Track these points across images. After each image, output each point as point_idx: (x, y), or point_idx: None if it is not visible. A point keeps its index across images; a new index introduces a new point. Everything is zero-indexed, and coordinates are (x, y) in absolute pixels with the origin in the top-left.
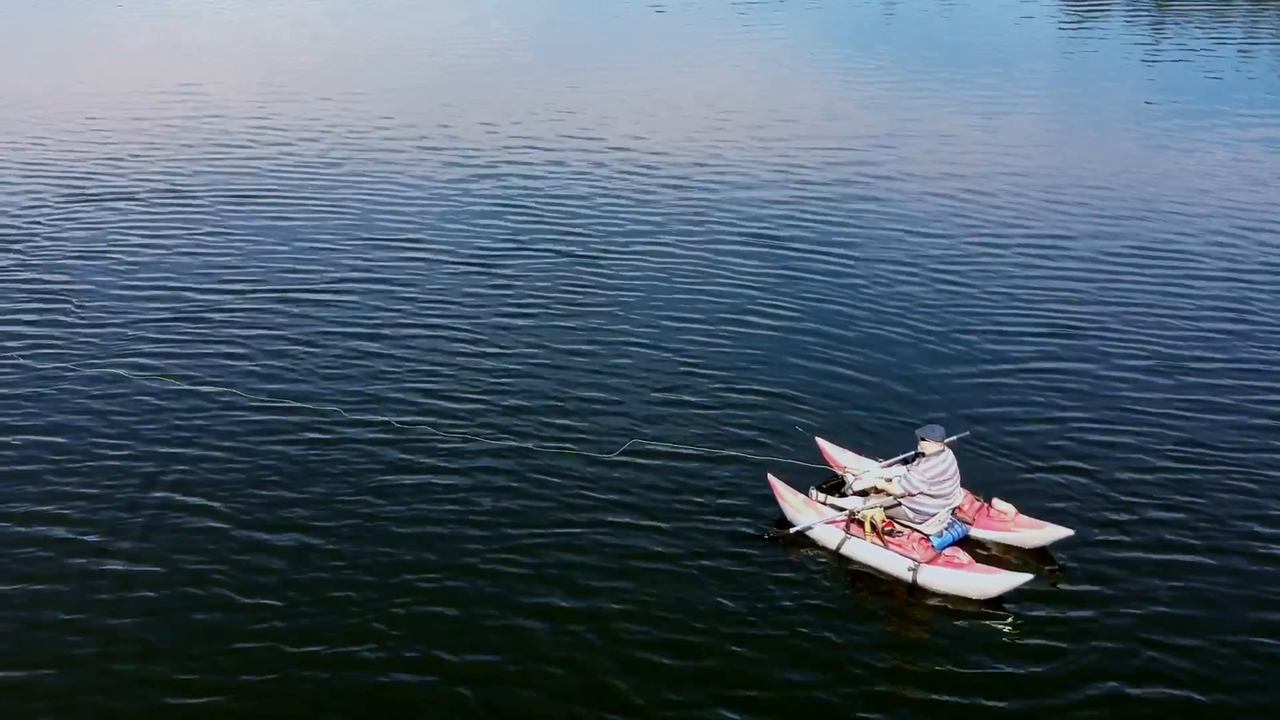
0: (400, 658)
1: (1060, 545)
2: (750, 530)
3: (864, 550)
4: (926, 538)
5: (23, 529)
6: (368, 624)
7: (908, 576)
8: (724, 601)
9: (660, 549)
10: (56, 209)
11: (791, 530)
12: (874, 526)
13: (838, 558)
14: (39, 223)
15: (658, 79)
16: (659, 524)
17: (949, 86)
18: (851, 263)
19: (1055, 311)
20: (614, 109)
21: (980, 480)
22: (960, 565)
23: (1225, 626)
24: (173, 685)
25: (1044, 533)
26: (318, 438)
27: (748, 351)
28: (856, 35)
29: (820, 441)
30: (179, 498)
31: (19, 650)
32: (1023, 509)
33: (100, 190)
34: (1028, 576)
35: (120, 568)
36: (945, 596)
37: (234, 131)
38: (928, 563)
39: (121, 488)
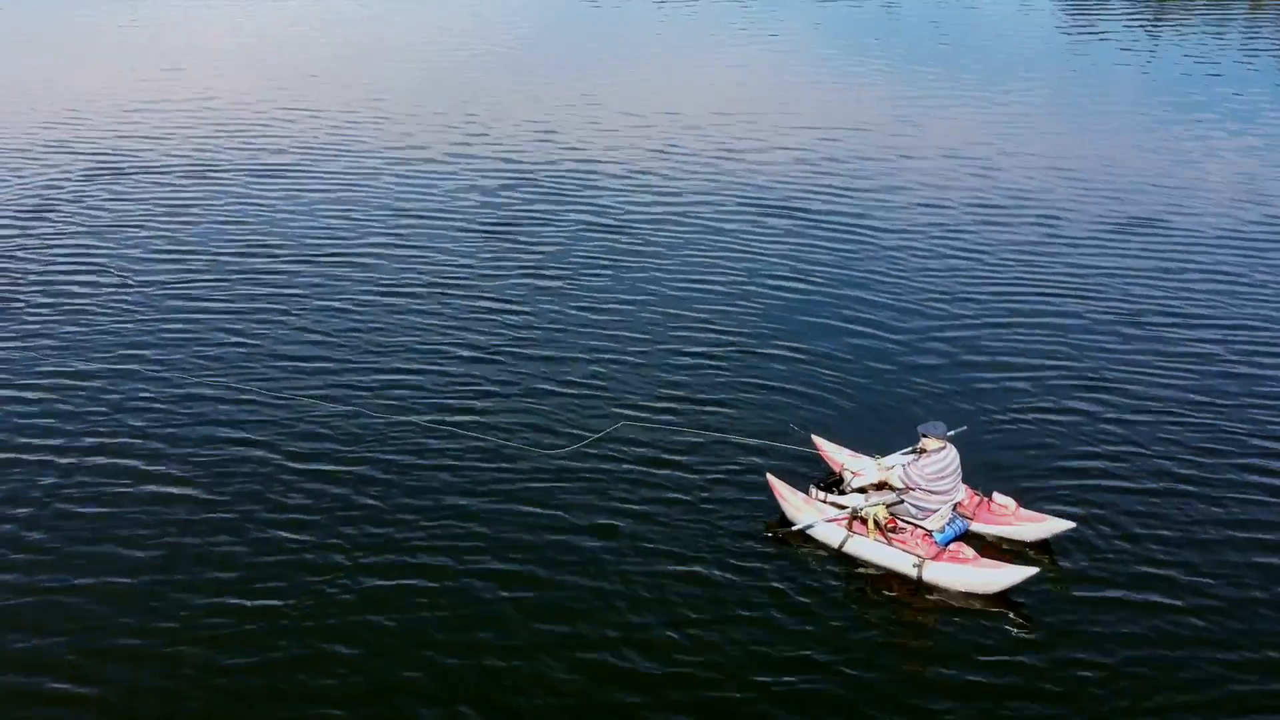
0: (419, 568)
1: (1063, 537)
2: (750, 529)
3: (868, 548)
4: (929, 534)
5: (100, 459)
6: (399, 548)
7: (913, 573)
8: (726, 602)
9: (656, 548)
10: (85, 184)
11: (793, 529)
12: (877, 524)
13: (841, 556)
14: (72, 196)
15: (666, 74)
16: (653, 523)
17: (950, 82)
18: (848, 255)
19: (1050, 306)
20: (623, 103)
21: (980, 474)
22: (965, 560)
23: (1236, 607)
24: (250, 591)
25: (1045, 525)
26: (345, 397)
27: (745, 346)
28: (860, 33)
29: (817, 439)
30: (225, 432)
31: (106, 562)
32: (1023, 502)
33: (133, 166)
34: (1033, 570)
35: (189, 493)
36: (951, 592)
37: (267, 113)
38: (932, 559)
39: (170, 429)
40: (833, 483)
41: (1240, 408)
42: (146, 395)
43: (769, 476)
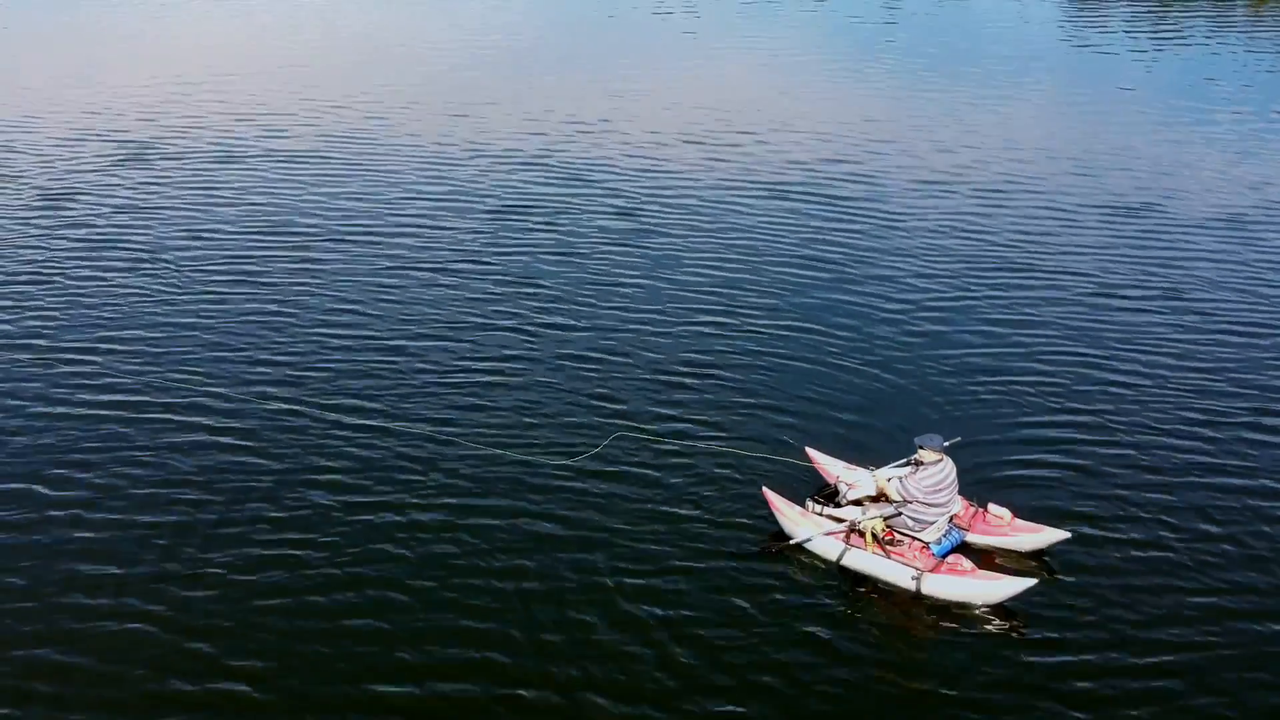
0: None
1: (1059, 547)
2: (747, 543)
3: (866, 561)
4: (927, 546)
5: (154, 415)
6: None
7: (911, 586)
8: (724, 617)
9: (652, 562)
10: (116, 169)
11: (791, 543)
12: (875, 537)
13: (839, 569)
14: (104, 181)
15: (674, 72)
16: (649, 537)
17: (952, 85)
18: (843, 267)
19: (1048, 316)
20: (630, 99)
21: (975, 485)
22: (964, 572)
23: (1231, 618)
24: (302, 526)
25: (1041, 536)
26: (361, 370)
27: (739, 355)
28: (862, 35)
29: (811, 451)
30: (265, 389)
31: (167, 502)
32: (1019, 512)
33: (159, 154)
34: (1032, 581)
35: (235, 443)
36: (949, 604)
37: (289, 105)
38: (930, 571)
39: (218, 388)
40: (829, 495)
41: (1249, 423)
42: (191, 357)
43: (765, 490)
